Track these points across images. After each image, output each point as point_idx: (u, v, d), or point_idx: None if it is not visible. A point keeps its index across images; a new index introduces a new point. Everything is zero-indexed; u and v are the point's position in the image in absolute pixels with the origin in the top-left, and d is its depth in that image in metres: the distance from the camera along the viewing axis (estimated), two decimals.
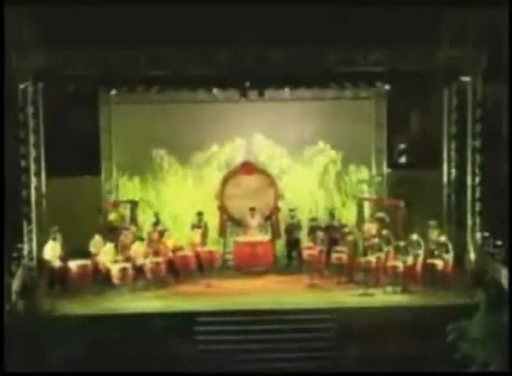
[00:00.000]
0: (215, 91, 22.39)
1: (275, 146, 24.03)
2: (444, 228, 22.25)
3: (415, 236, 20.80)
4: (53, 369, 16.36)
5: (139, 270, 20.77)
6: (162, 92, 22.28)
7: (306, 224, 23.06)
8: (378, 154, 24.16)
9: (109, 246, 20.88)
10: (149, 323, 18.29)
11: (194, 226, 22.58)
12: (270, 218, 23.41)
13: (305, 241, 22.67)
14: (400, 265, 20.37)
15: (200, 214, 22.82)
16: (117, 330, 17.82)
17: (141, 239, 21.52)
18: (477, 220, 21.65)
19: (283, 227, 23.26)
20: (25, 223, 21.34)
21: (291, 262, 22.94)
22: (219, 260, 22.29)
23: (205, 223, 22.77)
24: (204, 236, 22.57)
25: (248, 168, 23.58)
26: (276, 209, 23.40)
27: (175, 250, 21.79)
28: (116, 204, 23.36)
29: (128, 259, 20.89)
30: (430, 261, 20.60)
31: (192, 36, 22.56)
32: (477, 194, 21.62)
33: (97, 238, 21.16)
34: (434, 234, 21.21)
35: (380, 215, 22.57)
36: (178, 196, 24.13)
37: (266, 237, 23.01)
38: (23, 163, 21.46)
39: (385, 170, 24.28)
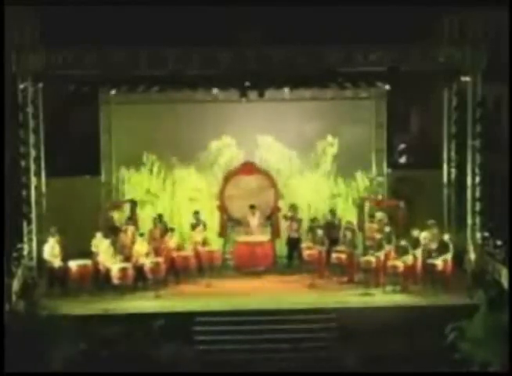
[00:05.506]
0: (215, 91, 22.39)
1: (275, 146, 24.01)
2: (444, 228, 22.24)
3: (414, 236, 20.82)
4: (53, 369, 16.35)
5: (139, 270, 20.77)
6: (162, 92, 22.25)
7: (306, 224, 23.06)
8: (378, 154, 24.14)
9: (106, 243, 20.79)
10: (149, 323, 18.28)
11: (194, 226, 22.56)
12: (270, 218, 23.40)
13: (305, 241, 22.67)
14: (400, 265, 20.37)
15: (196, 213, 22.82)
16: (116, 330, 17.81)
17: (141, 234, 21.47)
18: (477, 220, 21.62)
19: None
20: (25, 223, 21.31)
21: (291, 262, 22.92)
22: (219, 260, 22.30)
23: (203, 222, 22.74)
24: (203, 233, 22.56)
25: (248, 168, 23.56)
26: (276, 209, 23.38)
27: (177, 249, 21.77)
28: (116, 204, 23.34)
29: (128, 259, 20.88)
30: (430, 261, 20.59)
31: (192, 36, 22.58)
32: (477, 194, 21.58)
33: (98, 237, 21.08)
34: (432, 234, 21.22)
35: (380, 215, 22.54)
36: (177, 195, 24.11)
37: (266, 237, 23.00)
38: (23, 163, 21.43)
39: (385, 170, 24.27)
